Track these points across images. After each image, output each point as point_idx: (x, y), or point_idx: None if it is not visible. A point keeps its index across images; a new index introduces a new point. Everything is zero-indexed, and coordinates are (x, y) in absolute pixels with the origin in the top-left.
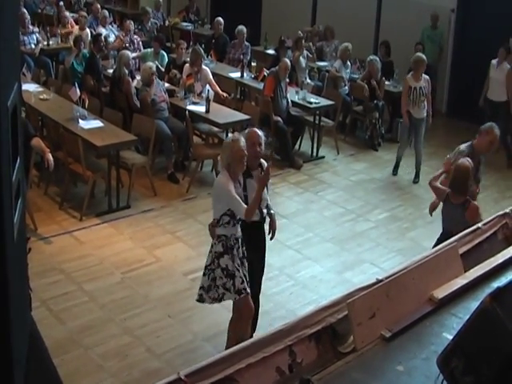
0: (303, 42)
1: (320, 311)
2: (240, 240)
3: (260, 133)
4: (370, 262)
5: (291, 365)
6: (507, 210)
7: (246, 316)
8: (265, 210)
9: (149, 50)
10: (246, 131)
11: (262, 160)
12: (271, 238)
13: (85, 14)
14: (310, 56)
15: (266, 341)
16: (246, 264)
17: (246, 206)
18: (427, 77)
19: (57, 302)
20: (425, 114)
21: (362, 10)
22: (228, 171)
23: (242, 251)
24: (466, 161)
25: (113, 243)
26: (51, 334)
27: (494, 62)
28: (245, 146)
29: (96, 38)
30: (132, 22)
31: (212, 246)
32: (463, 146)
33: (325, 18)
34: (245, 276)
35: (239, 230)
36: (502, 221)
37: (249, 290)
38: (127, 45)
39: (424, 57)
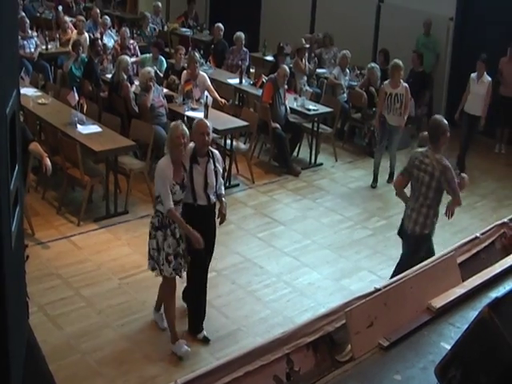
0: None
1: (318, 320)
2: None
3: (208, 123)
4: (367, 270)
5: (289, 373)
6: (505, 220)
7: (166, 296)
8: (212, 196)
9: (147, 55)
10: (195, 121)
11: (212, 149)
12: (220, 223)
13: (83, 18)
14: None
15: (263, 349)
16: (183, 246)
17: (171, 203)
18: (406, 84)
19: (54, 307)
20: (400, 122)
21: (361, 17)
22: (170, 156)
23: (178, 232)
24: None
25: (110, 249)
26: (48, 339)
27: (473, 75)
28: (183, 133)
29: (93, 42)
30: (127, 29)
31: (152, 217)
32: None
33: (324, 25)
34: (175, 257)
35: (177, 209)
36: (500, 230)
37: (174, 274)
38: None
39: (400, 62)
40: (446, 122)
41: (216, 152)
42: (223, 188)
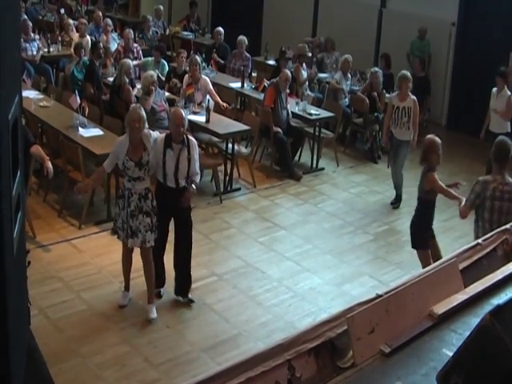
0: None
1: (319, 326)
2: (134, 195)
3: (183, 114)
4: (368, 275)
5: (290, 379)
6: (507, 226)
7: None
8: (182, 181)
9: (149, 58)
10: (172, 111)
11: (190, 136)
12: (180, 204)
13: (85, 21)
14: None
15: (265, 355)
16: (136, 220)
17: (108, 164)
18: (414, 97)
19: (55, 310)
20: (409, 137)
21: (363, 22)
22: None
23: (134, 206)
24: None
25: (111, 252)
26: (49, 342)
27: (494, 90)
28: (139, 117)
29: (95, 45)
30: (131, 31)
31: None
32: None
33: (325, 29)
34: (126, 228)
35: (135, 185)
36: (502, 237)
37: (125, 241)
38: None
39: (408, 73)
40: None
41: (192, 139)
42: (198, 177)
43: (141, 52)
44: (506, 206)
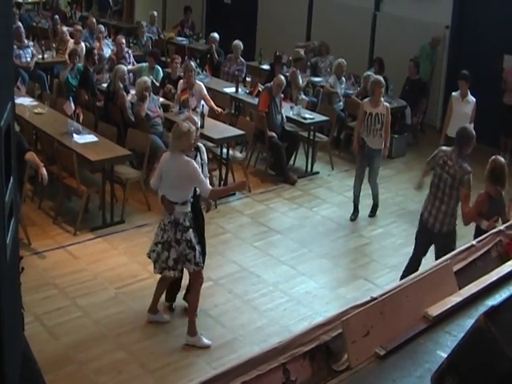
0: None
1: (314, 329)
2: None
3: (196, 120)
4: (364, 278)
5: (285, 383)
6: (501, 228)
7: (198, 286)
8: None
9: (144, 64)
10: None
11: (199, 144)
12: (206, 211)
13: (80, 27)
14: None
15: (260, 359)
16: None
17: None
18: (387, 104)
19: (50, 317)
20: (381, 145)
21: (357, 26)
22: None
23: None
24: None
25: (107, 258)
26: (45, 349)
27: (455, 94)
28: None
29: (90, 52)
30: (123, 37)
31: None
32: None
33: (320, 33)
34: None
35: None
36: (496, 238)
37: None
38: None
39: (381, 79)
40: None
41: (201, 145)
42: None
43: (132, 57)
44: (445, 177)
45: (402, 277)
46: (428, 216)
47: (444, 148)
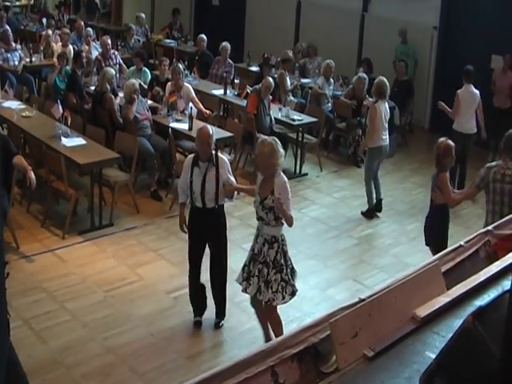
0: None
1: (302, 331)
2: (260, 237)
3: (211, 130)
4: (353, 279)
5: None
6: (489, 228)
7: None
8: (209, 201)
9: (132, 68)
10: (198, 128)
11: (220, 155)
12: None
13: (67, 30)
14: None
15: (248, 361)
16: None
17: None
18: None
19: (38, 321)
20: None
21: (345, 27)
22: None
23: (257, 249)
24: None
25: (95, 261)
26: (33, 353)
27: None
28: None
29: (78, 55)
30: (108, 37)
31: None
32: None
33: (308, 35)
34: (244, 271)
35: (260, 227)
36: (484, 238)
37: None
38: (106, 63)
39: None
40: None
41: (222, 157)
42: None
43: (119, 58)
44: (508, 188)
45: None
46: None
47: (492, 163)
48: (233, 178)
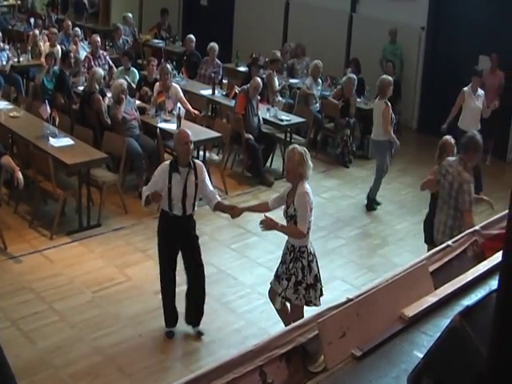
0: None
1: (290, 331)
2: (287, 243)
3: (189, 132)
4: (341, 279)
5: None
6: (477, 227)
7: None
8: (189, 208)
9: (120, 68)
10: (177, 131)
11: (196, 160)
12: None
13: (55, 30)
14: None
15: (236, 362)
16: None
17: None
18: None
19: (27, 321)
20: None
21: (334, 27)
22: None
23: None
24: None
25: (83, 262)
26: (21, 354)
27: (467, 89)
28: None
29: (66, 55)
30: (98, 35)
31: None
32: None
33: (296, 35)
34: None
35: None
36: (472, 238)
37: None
38: (95, 63)
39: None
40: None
41: (198, 162)
42: (217, 196)
43: (108, 58)
44: (448, 185)
45: None
46: (437, 235)
47: (450, 159)
48: (209, 183)
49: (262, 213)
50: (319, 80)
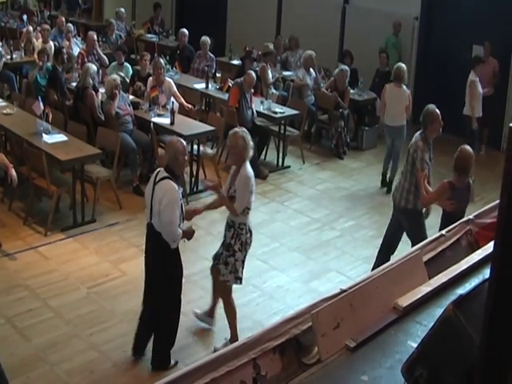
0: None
1: (284, 323)
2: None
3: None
4: (336, 271)
5: (255, 378)
6: (471, 217)
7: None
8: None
9: (113, 63)
10: (175, 141)
11: None
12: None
13: (48, 27)
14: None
15: (229, 354)
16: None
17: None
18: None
19: (22, 318)
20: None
21: (327, 19)
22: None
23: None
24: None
25: (78, 258)
26: (16, 351)
27: (474, 78)
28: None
29: (58, 51)
30: (95, 33)
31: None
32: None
33: (289, 28)
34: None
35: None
36: (466, 227)
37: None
38: (89, 59)
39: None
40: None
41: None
42: None
43: (102, 54)
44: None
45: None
46: (396, 193)
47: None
48: None
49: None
50: (311, 71)
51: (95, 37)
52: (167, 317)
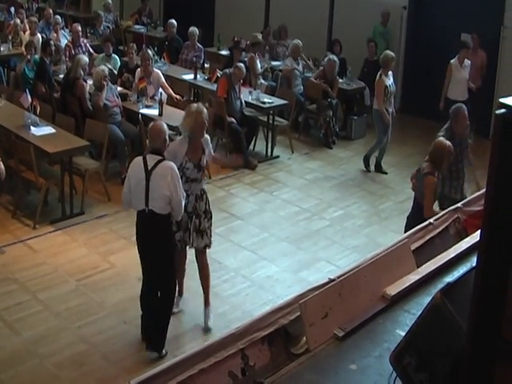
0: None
1: (272, 313)
2: (190, 196)
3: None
4: (325, 260)
5: (244, 368)
6: (459, 205)
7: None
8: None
9: (101, 55)
10: (153, 124)
11: None
12: None
13: (35, 19)
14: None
15: (217, 345)
16: (202, 220)
17: None
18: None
19: (11, 312)
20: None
21: (315, 8)
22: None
23: (191, 207)
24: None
25: (67, 250)
26: (5, 345)
27: (453, 61)
28: (204, 123)
29: (46, 43)
30: (79, 25)
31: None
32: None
33: (278, 17)
34: (188, 230)
35: (191, 186)
36: (454, 215)
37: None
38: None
39: (392, 54)
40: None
41: None
42: None
43: (89, 46)
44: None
45: None
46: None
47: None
48: None
49: None
50: (299, 60)
51: (79, 28)
52: (172, 298)
